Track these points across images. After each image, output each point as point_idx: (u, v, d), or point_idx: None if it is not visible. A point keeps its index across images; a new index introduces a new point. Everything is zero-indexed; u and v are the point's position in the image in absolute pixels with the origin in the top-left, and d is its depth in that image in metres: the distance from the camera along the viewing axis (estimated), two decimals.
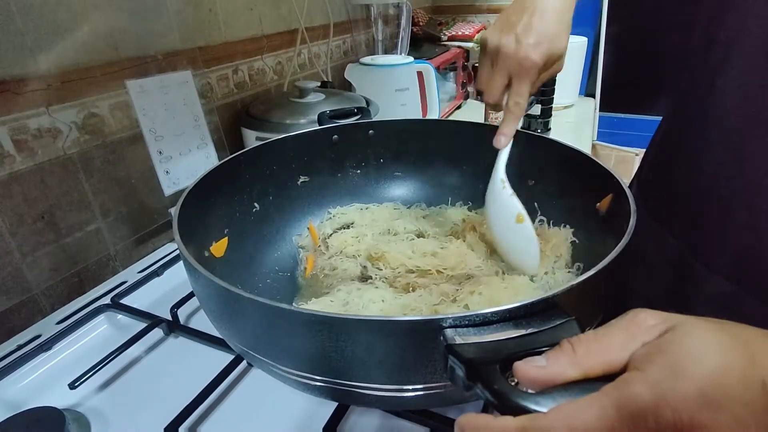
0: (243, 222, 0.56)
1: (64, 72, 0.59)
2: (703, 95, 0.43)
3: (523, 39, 0.45)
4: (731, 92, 0.40)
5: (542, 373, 0.23)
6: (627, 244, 0.34)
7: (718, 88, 0.41)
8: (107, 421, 0.45)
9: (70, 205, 0.62)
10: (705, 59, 0.44)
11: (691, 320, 0.22)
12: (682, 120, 0.48)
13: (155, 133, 0.69)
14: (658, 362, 0.20)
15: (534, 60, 0.46)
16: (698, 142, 0.44)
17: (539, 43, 0.45)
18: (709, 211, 0.43)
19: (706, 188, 0.43)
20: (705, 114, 0.43)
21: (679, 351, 0.21)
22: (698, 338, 0.21)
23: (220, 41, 0.84)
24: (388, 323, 0.27)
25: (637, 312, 0.23)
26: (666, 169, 0.50)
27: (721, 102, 0.41)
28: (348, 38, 1.26)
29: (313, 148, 0.62)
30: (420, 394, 0.31)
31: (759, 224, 0.38)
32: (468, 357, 0.25)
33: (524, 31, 0.46)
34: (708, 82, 0.42)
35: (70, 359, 0.53)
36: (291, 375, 0.34)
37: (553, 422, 0.20)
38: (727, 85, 0.40)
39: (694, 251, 0.45)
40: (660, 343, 0.21)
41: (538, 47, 0.46)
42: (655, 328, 0.22)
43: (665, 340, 0.21)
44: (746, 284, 0.40)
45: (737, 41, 0.39)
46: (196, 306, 0.59)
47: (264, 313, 0.31)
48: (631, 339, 0.22)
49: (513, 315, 0.27)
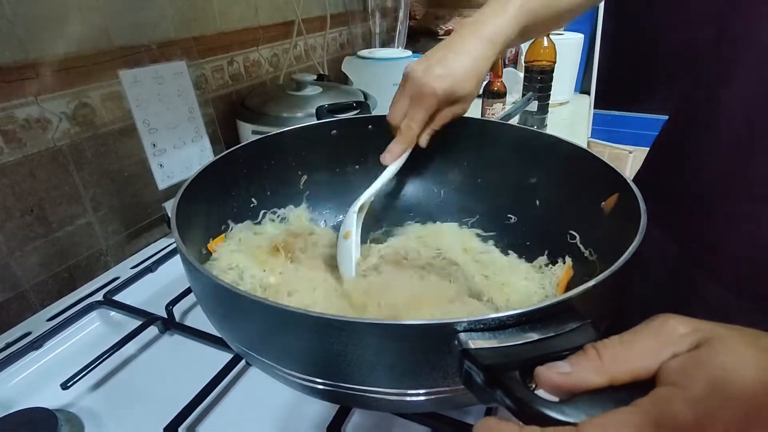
0: (240, 217, 0.54)
1: (54, 61, 0.57)
2: (709, 98, 0.42)
3: (432, 69, 0.48)
4: (738, 97, 0.39)
5: (566, 380, 0.22)
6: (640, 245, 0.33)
7: (725, 93, 0.40)
8: (101, 423, 0.43)
9: (60, 199, 0.60)
10: (712, 61, 0.43)
11: (725, 333, 0.21)
12: (687, 122, 0.48)
13: (149, 125, 0.67)
14: (698, 379, 0.20)
15: (433, 88, 0.48)
16: (702, 145, 0.43)
17: (444, 77, 0.48)
18: (711, 219, 0.43)
19: (708, 194, 0.42)
20: (710, 117, 0.42)
21: (718, 367, 0.20)
22: (735, 354, 0.20)
23: (216, 31, 0.82)
24: (400, 327, 0.26)
25: (666, 318, 0.22)
26: (668, 172, 0.50)
27: (727, 106, 0.40)
28: (345, 31, 1.24)
29: (311, 142, 0.61)
30: (428, 398, 0.30)
31: (761, 234, 0.38)
32: (487, 363, 0.24)
33: (436, 63, 0.49)
34: (714, 85, 0.42)
35: (62, 358, 0.51)
36: (293, 377, 0.33)
37: None
38: (734, 90, 0.40)
39: (694, 258, 0.44)
40: (697, 357, 0.21)
41: (442, 79, 0.48)
42: (686, 338, 0.21)
43: (702, 354, 0.21)
44: (746, 294, 0.40)
45: (744, 48, 0.38)
46: (192, 303, 0.58)
47: (267, 315, 0.30)
48: (662, 347, 0.21)
49: (529, 318, 0.26)
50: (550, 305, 0.27)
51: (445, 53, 0.49)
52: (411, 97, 0.50)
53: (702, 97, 0.45)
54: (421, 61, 0.50)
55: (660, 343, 0.22)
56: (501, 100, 1.07)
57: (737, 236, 0.40)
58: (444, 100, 0.49)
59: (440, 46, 0.50)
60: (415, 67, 0.50)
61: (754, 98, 0.38)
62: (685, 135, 0.47)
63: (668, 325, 0.22)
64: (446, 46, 0.50)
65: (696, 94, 0.46)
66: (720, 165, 0.41)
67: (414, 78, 0.49)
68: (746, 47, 0.39)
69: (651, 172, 0.54)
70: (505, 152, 0.57)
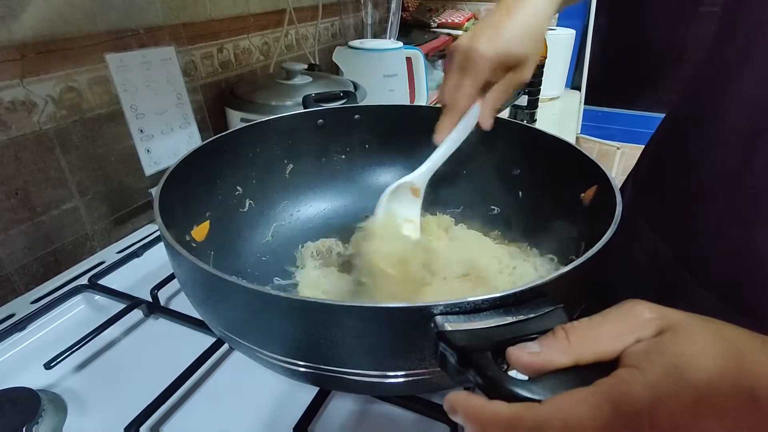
0: (225, 205, 0.54)
1: (39, 42, 0.56)
2: (711, 99, 0.42)
3: (481, 33, 0.45)
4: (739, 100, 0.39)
5: (535, 360, 0.23)
6: (612, 235, 0.34)
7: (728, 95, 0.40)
8: (84, 403, 0.44)
9: (45, 183, 0.60)
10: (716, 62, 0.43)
11: (689, 321, 0.22)
12: (687, 121, 0.47)
13: (136, 111, 0.66)
14: (657, 363, 0.20)
15: (481, 51, 0.44)
16: (702, 147, 0.43)
17: (493, 38, 0.44)
18: (705, 225, 0.42)
19: (704, 199, 0.42)
20: (711, 119, 0.42)
21: (678, 354, 0.21)
22: (696, 343, 0.21)
23: (206, 18, 0.81)
24: (380, 310, 0.27)
25: (633, 303, 0.23)
26: (664, 173, 0.50)
27: (729, 109, 0.40)
28: (337, 21, 1.23)
29: (297, 131, 0.61)
30: (406, 380, 0.31)
31: (752, 244, 0.38)
32: (460, 344, 0.25)
33: (486, 26, 0.45)
34: (718, 86, 0.41)
35: (46, 340, 0.51)
36: (275, 360, 0.33)
37: (547, 415, 0.20)
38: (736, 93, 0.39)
39: (685, 263, 0.45)
40: (659, 343, 0.21)
41: (492, 41, 0.44)
42: (651, 323, 0.22)
43: (664, 341, 0.21)
44: (734, 302, 0.40)
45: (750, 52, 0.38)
46: (178, 287, 0.58)
47: (250, 299, 0.31)
48: (626, 331, 0.22)
49: (503, 302, 0.27)
50: (523, 290, 0.28)
51: (496, 17, 0.45)
52: (459, 68, 0.46)
53: (704, 98, 0.44)
54: (469, 34, 0.46)
55: (626, 327, 0.23)
56: None
57: (727, 242, 0.40)
58: (498, 64, 0.45)
59: (490, 12, 0.47)
60: (462, 39, 0.46)
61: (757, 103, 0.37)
62: (685, 135, 0.46)
63: (635, 310, 0.23)
64: (497, 9, 0.46)
65: (698, 94, 0.46)
66: (717, 169, 0.41)
67: (459, 47, 0.45)
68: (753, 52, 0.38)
69: (647, 171, 0.54)
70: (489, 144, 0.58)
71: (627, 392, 0.20)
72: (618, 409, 0.20)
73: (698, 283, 0.43)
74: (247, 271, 0.54)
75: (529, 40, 0.46)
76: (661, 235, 0.48)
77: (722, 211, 0.40)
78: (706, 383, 0.20)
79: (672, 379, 0.20)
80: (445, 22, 1.46)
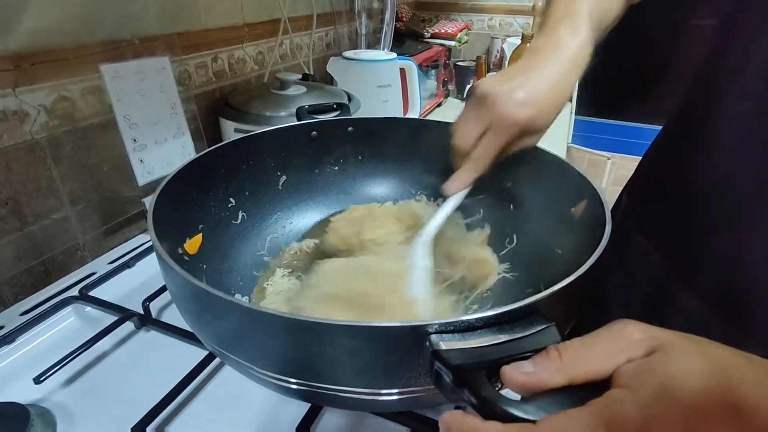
0: (218, 218, 0.54)
1: (33, 53, 0.56)
2: (703, 111, 0.43)
3: (514, 94, 0.42)
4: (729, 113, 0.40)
5: (529, 379, 0.23)
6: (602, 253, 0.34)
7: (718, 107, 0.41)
8: (74, 418, 0.43)
9: (36, 192, 0.60)
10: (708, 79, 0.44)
11: (677, 342, 0.23)
12: (679, 135, 0.48)
13: (130, 120, 0.66)
14: (647, 383, 0.21)
15: (517, 118, 0.42)
16: (692, 159, 0.44)
17: (528, 105, 0.42)
18: (695, 234, 0.43)
19: (694, 209, 0.43)
20: (702, 132, 0.42)
21: (667, 374, 0.21)
22: (685, 362, 0.22)
23: (200, 28, 0.81)
24: (373, 329, 0.27)
25: (625, 324, 0.24)
26: (657, 183, 0.50)
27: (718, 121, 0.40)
28: (331, 30, 1.24)
29: (291, 143, 0.61)
30: (400, 397, 0.31)
31: (739, 255, 0.38)
32: (455, 363, 0.25)
33: (519, 86, 0.42)
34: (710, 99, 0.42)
35: (35, 353, 0.51)
36: (267, 377, 0.33)
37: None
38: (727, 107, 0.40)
39: (675, 270, 0.45)
40: (649, 363, 0.22)
41: (525, 108, 0.42)
42: (641, 344, 0.23)
43: (654, 361, 0.22)
44: (723, 310, 0.40)
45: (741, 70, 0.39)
46: (170, 299, 0.57)
47: (242, 316, 0.31)
48: (618, 351, 0.23)
49: (497, 321, 0.28)
50: (517, 308, 0.28)
51: (527, 76, 0.43)
52: (490, 124, 0.43)
53: (696, 112, 0.45)
54: (500, 81, 0.43)
55: (617, 348, 0.23)
56: None
57: (715, 249, 0.41)
58: (524, 131, 0.43)
59: (519, 67, 0.44)
60: (494, 87, 0.42)
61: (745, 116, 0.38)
62: (679, 146, 0.47)
63: (626, 331, 0.24)
64: (527, 68, 0.43)
65: (690, 109, 0.47)
66: (707, 178, 0.42)
67: (495, 102, 0.42)
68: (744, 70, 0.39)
69: (641, 182, 0.54)
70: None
71: (619, 412, 0.21)
72: (610, 429, 0.20)
73: (687, 289, 0.44)
74: (239, 284, 0.53)
75: (555, 111, 0.44)
76: (652, 240, 0.49)
77: (711, 218, 0.41)
78: (695, 402, 0.20)
79: (662, 398, 0.21)
80: (439, 32, 1.48)
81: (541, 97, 0.43)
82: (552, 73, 0.43)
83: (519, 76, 0.43)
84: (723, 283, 0.41)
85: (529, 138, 0.45)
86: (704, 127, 0.42)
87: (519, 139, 0.45)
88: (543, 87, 0.43)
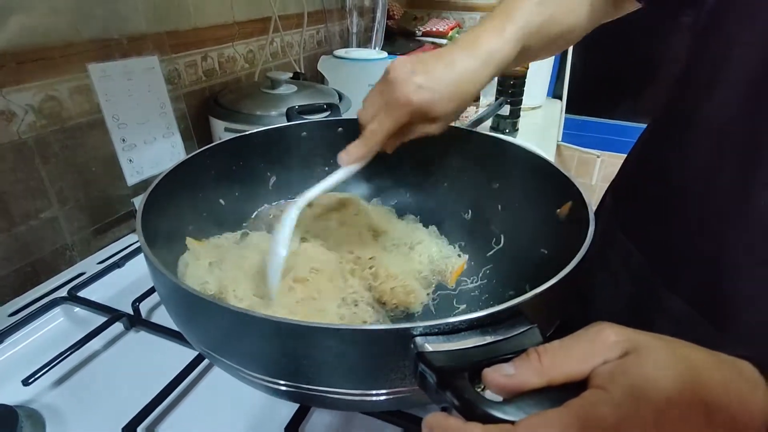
0: (208, 219, 0.54)
1: (19, 52, 0.56)
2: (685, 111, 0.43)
3: (414, 77, 0.43)
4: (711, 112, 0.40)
5: (509, 381, 0.24)
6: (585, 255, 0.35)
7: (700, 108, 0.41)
8: (63, 419, 0.43)
9: (24, 192, 0.59)
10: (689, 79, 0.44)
11: (651, 343, 0.23)
12: (662, 134, 0.49)
13: (118, 120, 0.66)
14: (621, 384, 0.22)
15: (409, 99, 0.43)
16: (674, 159, 0.44)
17: (424, 89, 0.42)
18: (676, 235, 0.44)
19: (676, 210, 0.44)
20: (684, 132, 0.43)
21: (640, 375, 0.22)
22: (657, 363, 0.22)
23: (189, 27, 0.81)
24: (360, 332, 0.28)
25: (602, 327, 0.24)
26: (640, 183, 0.51)
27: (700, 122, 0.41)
28: (322, 28, 1.24)
29: (281, 144, 0.61)
30: (388, 398, 0.32)
31: (720, 255, 0.39)
32: (439, 365, 0.25)
33: (422, 71, 0.43)
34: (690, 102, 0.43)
35: (24, 354, 0.50)
36: (256, 379, 0.34)
37: None
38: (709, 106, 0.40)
39: (657, 270, 0.46)
40: (623, 364, 0.23)
41: (421, 91, 0.42)
42: (617, 346, 0.24)
43: (628, 362, 0.23)
44: (703, 309, 0.41)
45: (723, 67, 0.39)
46: (159, 300, 0.57)
47: (230, 319, 0.31)
48: (595, 353, 0.24)
49: (480, 323, 0.28)
50: (500, 310, 0.29)
51: (434, 63, 0.44)
52: (385, 100, 0.44)
53: (678, 113, 0.45)
54: (406, 63, 0.44)
55: (594, 350, 0.24)
56: (474, 103, 1.10)
57: (698, 250, 0.41)
58: (418, 114, 0.44)
59: (431, 54, 0.45)
60: (398, 68, 0.43)
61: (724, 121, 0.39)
62: (659, 148, 0.48)
63: (603, 334, 0.24)
64: (437, 56, 0.44)
65: (672, 109, 0.47)
66: (690, 178, 0.42)
67: (393, 81, 0.43)
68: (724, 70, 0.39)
69: (625, 182, 0.55)
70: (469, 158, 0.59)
71: (594, 412, 0.21)
72: (585, 428, 0.21)
73: (669, 289, 0.44)
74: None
75: (455, 101, 0.44)
76: (635, 241, 0.49)
77: (693, 218, 0.42)
78: (666, 401, 0.22)
79: (635, 398, 0.22)
80: (430, 30, 1.48)
81: (443, 85, 0.43)
82: (461, 65, 0.44)
83: (428, 62, 0.44)
84: (705, 283, 0.41)
85: (429, 124, 0.46)
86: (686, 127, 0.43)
87: (418, 124, 0.46)
88: (447, 77, 0.43)
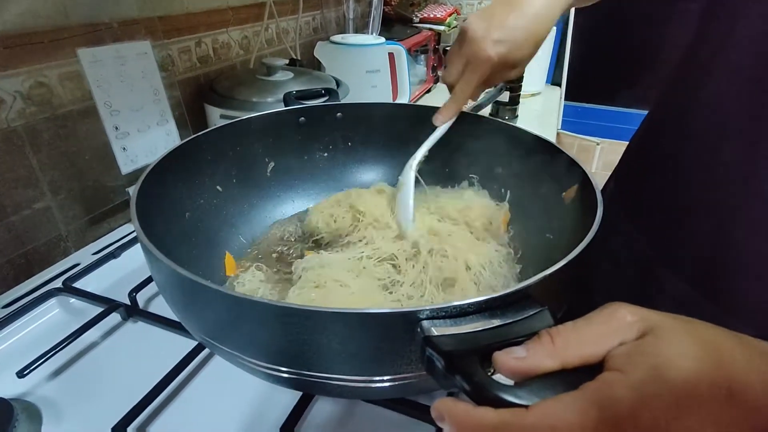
0: (205, 205, 0.53)
1: (6, 36, 0.54)
2: (687, 95, 0.43)
3: (491, 32, 0.46)
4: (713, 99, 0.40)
5: (521, 364, 0.23)
6: (594, 236, 0.34)
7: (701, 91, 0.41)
8: (60, 411, 0.43)
9: (15, 182, 0.58)
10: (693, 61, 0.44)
11: (668, 323, 0.22)
12: (664, 118, 0.48)
13: (111, 107, 0.64)
14: (639, 366, 0.21)
15: (488, 55, 0.46)
16: (676, 143, 0.44)
17: (502, 42, 0.46)
18: (678, 217, 0.44)
19: (678, 193, 0.43)
20: (686, 113, 0.43)
21: (658, 356, 0.21)
22: (676, 344, 0.21)
23: (182, 11, 0.79)
24: (366, 315, 0.27)
25: (617, 307, 0.23)
26: (643, 167, 0.51)
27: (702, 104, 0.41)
28: (318, 14, 1.22)
29: (279, 129, 0.60)
30: (392, 384, 0.31)
31: (722, 237, 0.39)
32: (447, 349, 0.25)
33: (496, 26, 0.46)
34: (693, 84, 0.42)
35: (18, 346, 0.49)
36: (257, 366, 0.33)
37: (535, 421, 0.20)
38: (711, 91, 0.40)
39: (660, 253, 0.46)
40: (641, 346, 0.22)
41: (499, 45, 0.46)
42: (633, 326, 0.23)
43: (646, 343, 0.22)
44: (706, 291, 0.41)
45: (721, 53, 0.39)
46: (157, 290, 0.56)
47: (231, 305, 0.30)
48: (610, 334, 0.23)
49: (488, 306, 0.27)
50: (509, 293, 0.28)
51: (506, 13, 0.46)
52: (467, 60, 0.48)
53: (680, 95, 0.45)
54: (480, 19, 0.47)
55: (609, 331, 0.23)
56: None
57: (699, 232, 0.41)
58: (499, 66, 0.47)
59: (500, 3, 0.47)
60: (474, 26, 0.47)
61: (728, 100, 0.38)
62: (662, 132, 0.48)
63: (618, 314, 0.23)
64: (506, 3, 0.47)
65: (675, 92, 0.47)
66: (691, 161, 0.42)
67: (472, 40, 0.47)
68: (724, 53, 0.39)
69: (627, 167, 0.55)
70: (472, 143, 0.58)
71: (611, 395, 0.20)
72: (603, 413, 0.20)
73: (671, 272, 0.44)
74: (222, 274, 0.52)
75: (531, 46, 0.47)
76: (637, 224, 0.49)
77: (696, 200, 0.42)
78: (686, 383, 0.20)
79: (654, 380, 0.20)
80: (427, 17, 1.46)
81: (518, 34, 0.46)
82: (531, 9, 0.46)
83: (500, 14, 0.47)
84: (708, 264, 0.41)
85: (510, 70, 0.49)
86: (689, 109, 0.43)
87: (499, 72, 0.49)
88: (521, 24, 0.46)
